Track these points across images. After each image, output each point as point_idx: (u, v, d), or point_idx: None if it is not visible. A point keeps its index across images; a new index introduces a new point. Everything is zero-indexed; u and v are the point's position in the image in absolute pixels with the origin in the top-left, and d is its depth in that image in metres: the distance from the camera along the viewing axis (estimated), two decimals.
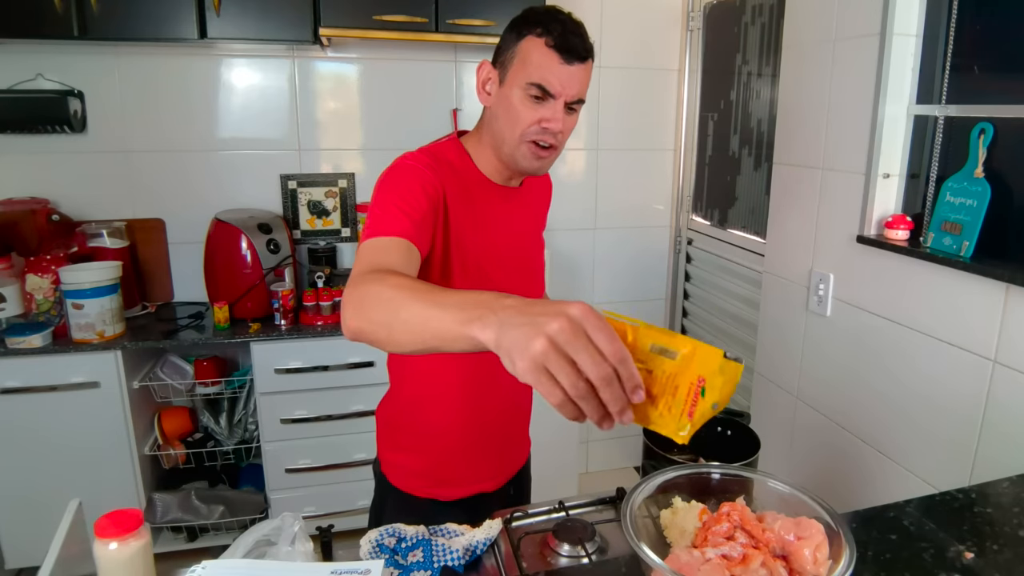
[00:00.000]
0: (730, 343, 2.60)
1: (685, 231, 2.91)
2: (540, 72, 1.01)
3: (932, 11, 1.62)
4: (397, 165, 1.04)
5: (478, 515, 1.11)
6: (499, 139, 1.08)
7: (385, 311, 0.75)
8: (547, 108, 1.03)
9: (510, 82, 1.04)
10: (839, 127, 1.81)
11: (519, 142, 1.06)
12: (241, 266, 2.27)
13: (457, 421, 1.21)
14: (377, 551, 1.00)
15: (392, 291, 0.75)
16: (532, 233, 1.26)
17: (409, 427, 1.24)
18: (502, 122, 1.06)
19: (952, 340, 1.49)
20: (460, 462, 1.24)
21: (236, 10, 2.10)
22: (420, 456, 1.24)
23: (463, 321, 0.63)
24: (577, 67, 1.02)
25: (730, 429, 1.20)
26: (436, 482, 1.25)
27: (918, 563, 0.80)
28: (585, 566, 0.93)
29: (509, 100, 1.04)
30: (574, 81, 1.03)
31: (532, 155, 1.07)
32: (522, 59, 1.02)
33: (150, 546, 0.82)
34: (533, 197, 1.26)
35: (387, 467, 1.27)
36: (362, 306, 0.78)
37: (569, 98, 1.04)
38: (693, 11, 2.72)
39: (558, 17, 1.03)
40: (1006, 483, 1.00)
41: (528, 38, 1.02)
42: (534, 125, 1.04)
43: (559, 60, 1.01)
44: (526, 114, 1.03)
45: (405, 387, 1.23)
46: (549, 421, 2.46)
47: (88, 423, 2.10)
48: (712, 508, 0.81)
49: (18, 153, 2.32)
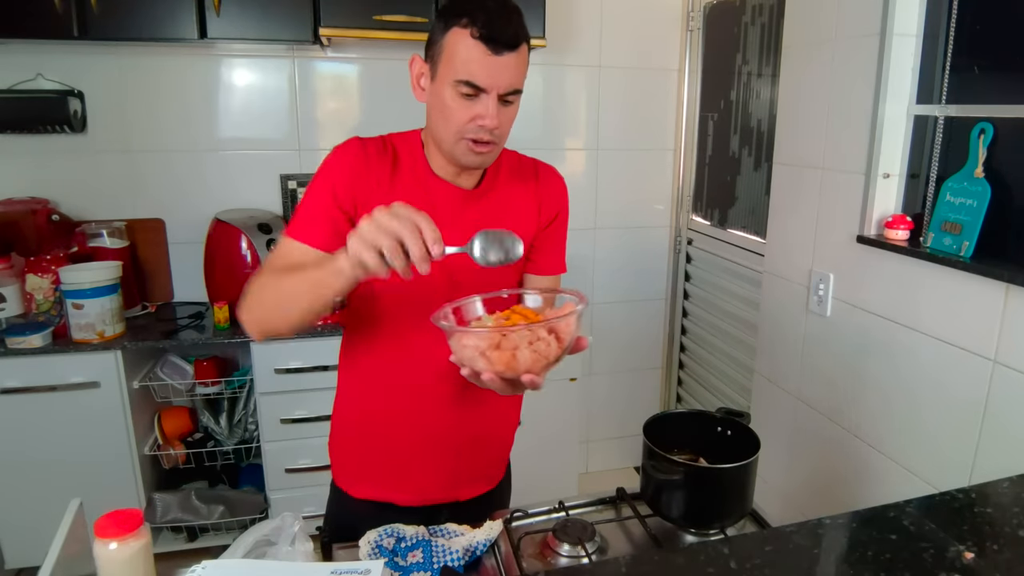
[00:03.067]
0: (730, 343, 2.60)
1: (685, 231, 2.91)
2: (467, 67, 0.95)
3: (932, 11, 1.62)
4: (332, 154, 1.05)
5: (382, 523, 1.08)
6: (438, 137, 1.03)
7: (270, 294, 0.93)
8: (480, 104, 0.97)
9: (440, 78, 0.98)
10: (839, 127, 1.81)
11: (456, 140, 1.00)
12: (241, 266, 2.27)
13: (370, 416, 1.19)
14: (376, 552, 1.00)
15: (267, 277, 0.95)
16: None
17: (337, 414, 1.25)
18: (437, 120, 1.01)
19: (952, 340, 1.49)
20: (371, 459, 1.21)
21: (236, 10, 2.10)
22: (332, 445, 1.26)
23: (329, 273, 0.84)
24: (507, 56, 0.95)
25: (730, 429, 1.20)
26: (344, 473, 1.25)
27: (918, 563, 0.80)
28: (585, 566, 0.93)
29: (441, 98, 0.98)
30: (505, 72, 0.96)
31: (471, 151, 1.01)
32: (449, 54, 0.96)
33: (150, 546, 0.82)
34: (507, 208, 1.13)
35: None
36: (252, 303, 0.96)
37: (501, 91, 0.97)
38: (693, 11, 2.72)
39: (486, 4, 0.95)
40: (1006, 483, 0.99)
41: (454, 30, 0.95)
42: (469, 123, 0.98)
43: (486, 51, 0.94)
44: (459, 113, 0.98)
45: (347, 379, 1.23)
46: (550, 422, 2.47)
47: (88, 423, 2.10)
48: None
49: (18, 153, 2.32)
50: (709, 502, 1.08)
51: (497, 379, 0.82)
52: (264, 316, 0.97)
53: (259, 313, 0.98)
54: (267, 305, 0.96)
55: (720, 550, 0.84)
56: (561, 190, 1.20)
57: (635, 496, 1.19)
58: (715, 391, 2.74)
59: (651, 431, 1.13)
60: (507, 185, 1.13)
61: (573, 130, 2.77)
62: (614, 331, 3.00)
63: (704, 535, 1.10)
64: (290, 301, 0.92)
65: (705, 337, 2.82)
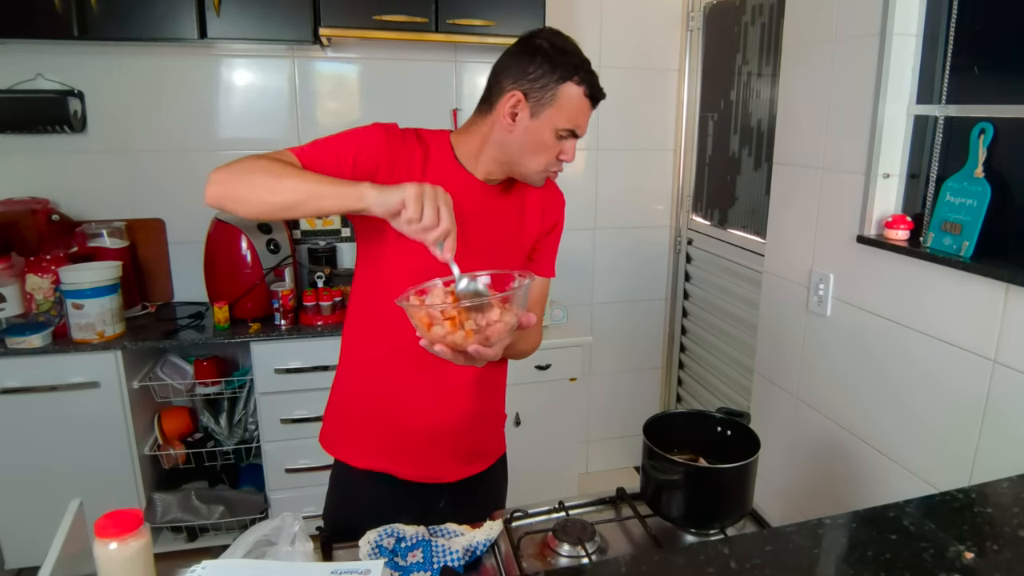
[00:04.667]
0: (730, 343, 2.60)
1: (685, 231, 2.91)
2: (577, 120, 1.11)
3: (932, 11, 1.62)
4: (373, 125, 1.15)
5: (382, 497, 1.24)
6: (515, 161, 1.15)
7: (268, 175, 0.97)
8: (568, 144, 1.13)
9: (545, 121, 1.10)
10: (839, 127, 1.81)
11: (541, 171, 1.15)
12: (241, 266, 2.27)
13: (362, 388, 1.25)
14: (376, 552, 1.00)
15: (267, 162, 1.00)
16: (502, 238, 1.22)
17: (338, 380, 1.31)
18: (525, 151, 1.13)
19: (952, 340, 1.49)
20: (359, 430, 1.27)
21: (236, 10, 2.10)
22: (331, 412, 1.32)
23: (345, 191, 0.95)
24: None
25: (730, 429, 1.20)
26: (341, 444, 1.30)
27: (918, 563, 0.80)
28: (585, 566, 0.93)
29: (539, 136, 1.11)
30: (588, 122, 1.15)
31: (546, 179, 1.20)
32: (561, 104, 1.09)
33: (150, 546, 0.82)
34: (523, 207, 1.26)
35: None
36: (235, 173, 0.99)
37: (583, 135, 1.16)
38: (693, 11, 2.72)
39: (589, 63, 1.11)
40: (1006, 483, 0.99)
41: (569, 84, 1.08)
42: (553, 160, 1.14)
43: (589, 107, 1.12)
44: (552, 150, 1.12)
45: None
46: (550, 422, 2.47)
47: (88, 423, 2.10)
48: None
49: (18, 153, 2.32)
50: (709, 502, 1.08)
51: (447, 349, 0.94)
52: (243, 189, 0.99)
53: (239, 185, 0.99)
54: (255, 181, 0.98)
55: (720, 550, 0.84)
56: (561, 202, 1.35)
57: (635, 496, 1.19)
58: (715, 391, 2.74)
59: (651, 431, 1.14)
60: (523, 188, 1.26)
61: None
62: (614, 331, 3.00)
63: (704, 535, 1.10)
64: (287, 190, 0.97)
65: (705, 337, 2.82)
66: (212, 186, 1.00)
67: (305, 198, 0.96)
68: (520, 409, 2.42)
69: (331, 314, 2.27)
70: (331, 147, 1.10)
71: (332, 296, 2.28)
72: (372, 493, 1.26)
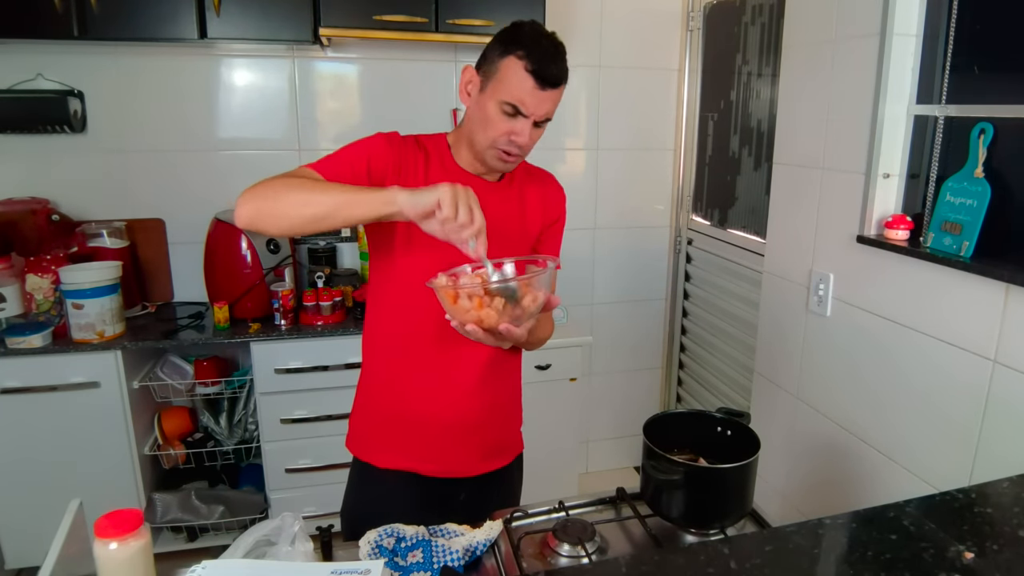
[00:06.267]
0: (730, 343, 2.60)
1: (685, 231, 2.91)
2: (516, 93, 1.10)
3: (932, 11, 1.62)
4: (377, 135, 1.19)
5: (406, 495, 1.27)
6: (472, 138, 1.18)
7: (299, 190, 1.01)
8: (518, 123, 1.13)
9: (488, 94, 1.13)
10: (839, 127, 1.81)
11: (488, 146, 1.16)
12: (241, 266, 2.27)
13: (387, 388, 1.28)
14: (376, 552, 1.00)
15: (291, 180, 1.04)
16: (506, 230, 1.24)
17: (362, 383, 1.35)
18: (476, 126, 1.16)
19: (952, 340, 1.49)
20: (384, 431, 1.30)
21: (236, 10, 2.10)
22: (356, 415, 1.36)
23: (374, 197, 0.98)
24: (550, 92, 1.12)
25: (730, 429, 1.20)
26: (366, 446, 1.32)
27: (918, 563, 0.80)
28: (585, 566, 0.93)
29: (485, 109, 1.13)
30: (545, 104, 1.13)
31: (498, 159, 1.17)
32: (502, 76, 1.11)
33: (150, 546, 0.82)
34: (523, 201, 1.29)
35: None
36: (265, 193, 1.02)
37: (538, 118, 1.14)
38: (693, 11, 2.72)
39: (542, 42, 1.11)
40: (1006, 483, 0.99)
41: (511, 58, 1.10)
42: (503, 136, 1.14)
43: (535, 85, 1.10)
44: (498, 126, 1.13)
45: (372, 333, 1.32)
46: (550, 422, 2.47)
47: (88, 423, 2.10)
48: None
49: (18, 153, 2.32)
50: (709, 502, 1.08)
51: (478, 330, 0.98)
52: (275, 206, 1.02)
53: (270, 203, 1.02)
54: (286, 197, 1.02)
55: (720, 550, 0.84)
56: (562, 197, 1.38)
57: (635, 496, 1.19)
58: (715, 391, 2.74)
59: (651, 431, 1.14)
60: (521, 184, 1.29)
61: (573, 130, 2.77)
62: (614, 331, 3.00)
63: (704, 535, 1.10)
64: (319, 202, 1.00)
65: (705, 337, 2.82)
66: (243, 207, 1.03)
67: (337, 208, 0.99)
68: None
69: (331, 314, 2.27)
70: (344, 159, 1.14)
71: (332, 296, 2.28)
72: (395, 492, 1.28)
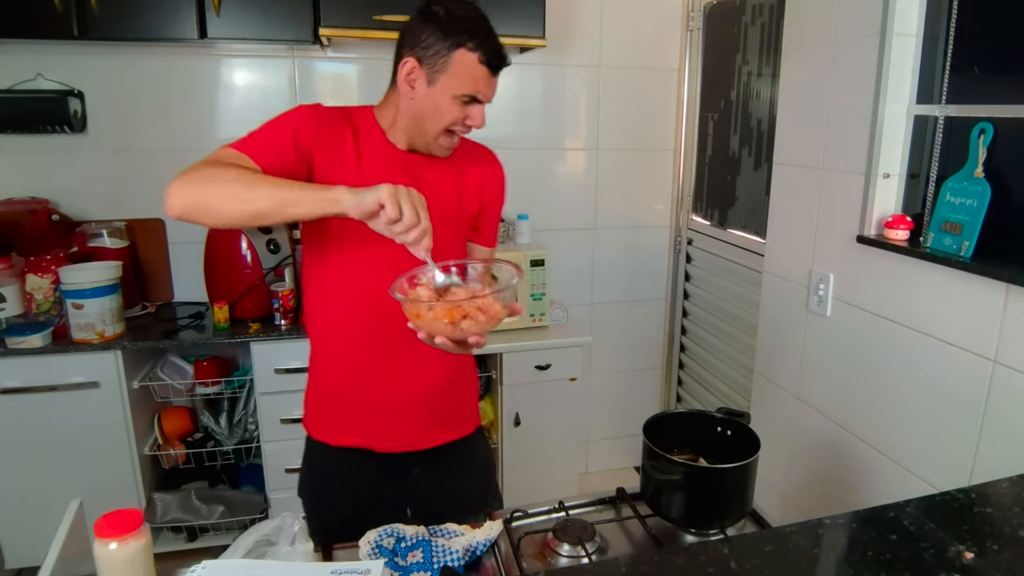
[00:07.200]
0: (730, 343, 2.60)
1: (685, 231, 2.91)
2: (474, 84, 1.13)
3: (932, 11, 1.62)
4: (299, 107, 1.17)
5: (362, 472, 1.30)
6: (418, 128, 1.17)
7: (236, 183, 0.98)
8: (473, 109, 1.15)
9: (441, 87, 1.13)
10: (839, 127, 1.81)
11: (438, 135, 1.17)
12: (241, 266, 2.27)
13: (336, 365, 1.29)
14: (376, 552, 1.00)
15: (226, 170, 1.00)
16: (444, 204, 1.24)
17: (311, 364, 1.35)
18: (427, 115, 1.15)
19: (952, 340, 1.49)
20: (335, 410, 1.31)
21: (236, 10, 2.10)
22: (310, 393, 1.36)
23: (319, 196, 0.96)
24: (497, 76, 1.16)
25: (730, 429, 1.20)
26: (320, 425, 1.34)
27: (918, 563, 0.80)
28: (585, 566, 0.93)
29: (437, 102, 1.13)
30: (495, 85, 1.17)
31: (447, 144, 1.19)
32: (455, 71, 1.11)
33: (150, 546, 0.82)
34: (461, 176, 1.27)
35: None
36: (199, 181, 0.99)
37: (491, 100, 1.18)
38: (693, 11, 2.72)
39: (487, 30, 1.12)
40: (1006, 483, 0.99)
41: (462, 51, 1.11)
42: (458, 122, 1.16)
43: (488, 73, 1.13)
44: (454, 114, 1.14)
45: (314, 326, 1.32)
46: (550, 422, 2.47)
47: (88, 423, 2.10)
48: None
49: (18, 153, 2.32)
50: (709, 502, 1.08)
51: (448, 341, 0.98)
52: (211, 199, 0.99)
53: (206, 195, 0.99)
54: (223, 191, 0.98)
55: (720, 550, 0.84)
56: (501, 176, 1.36)
57: (635, 496, 1.19)
58: (715, 391, 2.74)
59: (651, 431, 1.14)
60: (458, 158, 1.27)
61: (573, 130, 2.77)
62: (614, 331, 3.00)
63: (704, 535, 1.10)
64: (260, 198, 0.97)
65: (705, 337, 2.82)
66: (176, 198, 0.99)
67: (280, 205, 0.97)
68: (520, 409, 2.42)
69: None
70: (269, 137, 1.11)
71: None
72: (348, 468, 1.31)
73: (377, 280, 1.03)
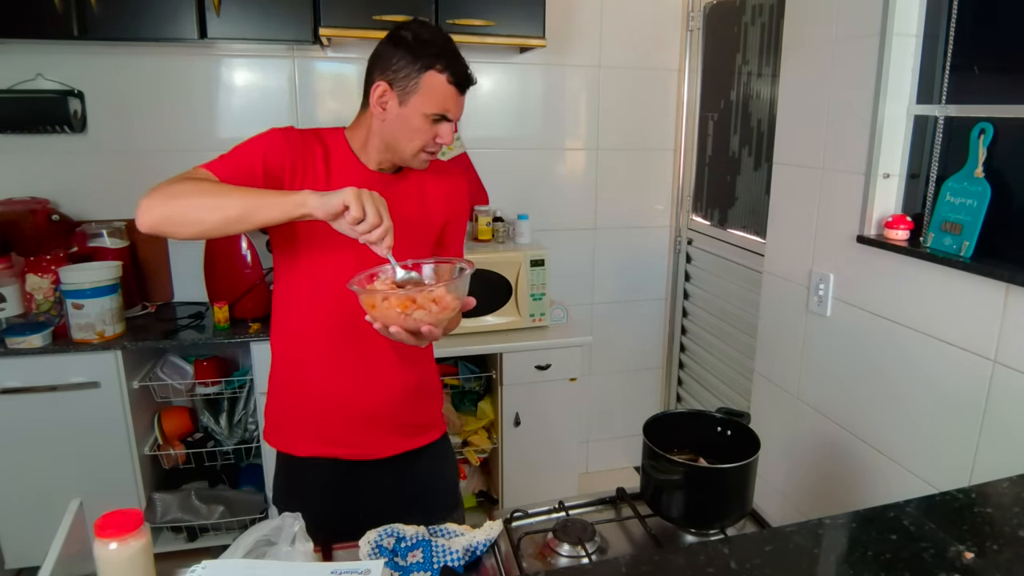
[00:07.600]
0: (730, 343, 2.60)
1: (685, 231, 2.91)
2: (444, 104, 1.19)
3: (932, 11, 1.62)
4: (271, 130, 1.21)
5: (329, 481, 1.31)
6: (393, 147, 1.22)
7: (205, 193, 1.03)
8: (443, 127, 1.21)
9: (412, 108, 1.18)
10: (839, 127, 1.81)
11: (417, 153, 1.22)
12: (241, 266, 2.27)
13: (298, 376, 1.33)
14: (376, 552, 1.00)
15: (209, 184, 1.07)
16: (407, 220, 1.24)
17: (273, 377, 1.40)
18: (401, 136, 1.21)
19: (952, 340, 1.49)
20: (300, 420, 1.33)
21: (236, 10, 2.10)
22: (271, 408, 1.39)
23: (286, 200, 1.01)
24: (464, 95, 1.22)
25: (730, 429, 1.20)
26: (284, 437, 1.36)
27: (918, 563, 0.80)
28: (585, 566, 0.93)
29: (409, 122, 1.19)
30: (463, 104, 1.23)
31: (424, 160, 1.25)
32: (425, 92, 1.17)
33: (150, 546, 0.82)
34: (423, 191, 1.32)
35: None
36: (169, 197, 1.03)
37: (459, 118, 1.25)
38: (693, 11, 2.72)
39: (453, 51, 1.18)
40: (1006, 483, 0.99)
41: (431, 73, 1.16)
42: (430, 141, 1.21)
43: (457, 93, 1.20)
44: (427, 133, 1.20)
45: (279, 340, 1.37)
46: (550, 422, 2.47)
47: (88, 423, 2.10)
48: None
49: (18, 153, 2.32)
50: (709, 502, 1.08)
51: (402, 331, 1.01)
52: (180, 211, 1.04)
53: (175, 209, 1.04)
54: (191, 203, 1.03)
55: (720, 550, 0.84)
56: (465, 193, 1.42)
57: (635, 496, 1.19)
58: (715, 391, 2.74)
59: (651, 431, 1.14)
60: (418, 177, 1.32)
61: (573, 130, 2.77)
62: (614, 331, 3.00)
63: (704, 535, 1.11)
64: (228, 206, 1.03)
65: (705, 337, 2.82)
66: (146, 214, 1.03)
67: (248, 212, 1.02)
68: (520, 409, 2.42)
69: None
70: (239, 158, 1.15)
71: None
72: (317, 479, 1.32)
73: (344, 281, 1.06)
